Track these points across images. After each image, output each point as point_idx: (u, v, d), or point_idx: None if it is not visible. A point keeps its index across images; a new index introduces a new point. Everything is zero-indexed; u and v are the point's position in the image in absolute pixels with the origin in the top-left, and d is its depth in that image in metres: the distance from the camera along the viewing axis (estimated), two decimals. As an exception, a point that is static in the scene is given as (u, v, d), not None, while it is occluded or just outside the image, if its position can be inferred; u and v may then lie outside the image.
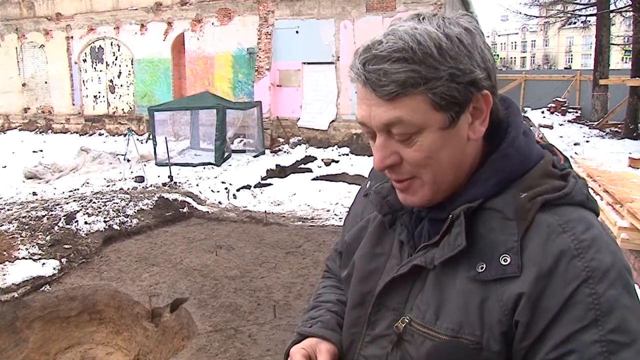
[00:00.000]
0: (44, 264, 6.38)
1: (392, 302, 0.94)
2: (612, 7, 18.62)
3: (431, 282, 0.89)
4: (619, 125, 16.18)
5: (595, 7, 18.85)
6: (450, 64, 0.81)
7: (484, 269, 0.83)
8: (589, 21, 22.41)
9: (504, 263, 0.81)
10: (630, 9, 16.85)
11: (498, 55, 64.16)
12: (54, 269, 6.38)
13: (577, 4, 20.70)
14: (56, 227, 7.43)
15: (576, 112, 20.01)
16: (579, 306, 0.75)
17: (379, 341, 0.95)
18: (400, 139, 0.86)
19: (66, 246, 7.01)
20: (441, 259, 0.87)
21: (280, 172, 13.23)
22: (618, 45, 24.34)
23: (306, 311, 1.19)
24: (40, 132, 21.24)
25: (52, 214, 7.84)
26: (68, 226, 7.53)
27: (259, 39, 16.27)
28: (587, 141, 14.79)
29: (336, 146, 15.29)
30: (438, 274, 0.88)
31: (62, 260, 6.63)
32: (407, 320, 0.90)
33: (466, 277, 0.85)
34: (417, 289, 0.91)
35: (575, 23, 24.09)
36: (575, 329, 0.75)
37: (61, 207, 8.21)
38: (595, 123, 17.41)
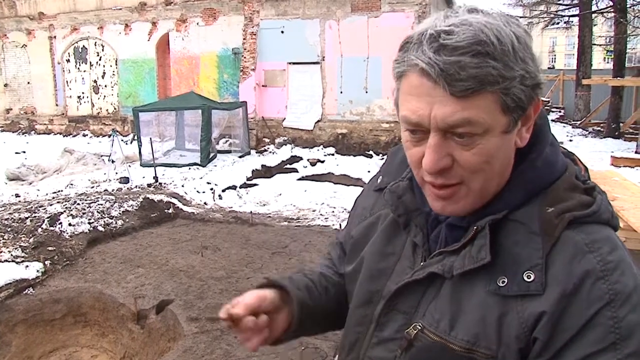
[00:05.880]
0: (27, 266, 6.30)
1: (404, 305, 0.92)
2: (594, 8, 18.91)
3: (447, 291, 0.87)
4: (602, 125, 16.43)
5: (577, 7, 19.12)
6: (521, 65, 0.77)
7: (505, 283, 0.81)
8: (572, 22, 22.75)
9: (528, 280, 0.79)
10: (612, 10, 17.12)
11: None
12: (38, 271, 6.30)
13: (560, 4, 20.99)
14: (40, 229, 7.34)
15: (559, 112, 20.26)
16: (599, 328, 0.74)
17: (387, 344, 0.93)
18: (461, 141, 0.80)
19: (50, 248, 6.93)
20: (461, 270, 0.84)
21: (266, 172, 13.20)
22: (600, 45, 24.69)
23: None
24: (23, 133, 20.93)
25: (35, 216, 7.75)
26: (52, 228, 7.45)
27: (244, 39, 16.20)
28: (571, 140, 15.00)
29: (322, 146, 15.28)
30: (455, 284, 0.86)
31: (46, 262, 6.55)
32: (420, 327, 0.88)
33: (485, 289, 0.82)
34: (430, 295, 0.89)
35: (558, 23, 24.43)
36: (593, 351, 0.74)
37: (45, 208, 8.11)
38: (578, 122, 17.66)
